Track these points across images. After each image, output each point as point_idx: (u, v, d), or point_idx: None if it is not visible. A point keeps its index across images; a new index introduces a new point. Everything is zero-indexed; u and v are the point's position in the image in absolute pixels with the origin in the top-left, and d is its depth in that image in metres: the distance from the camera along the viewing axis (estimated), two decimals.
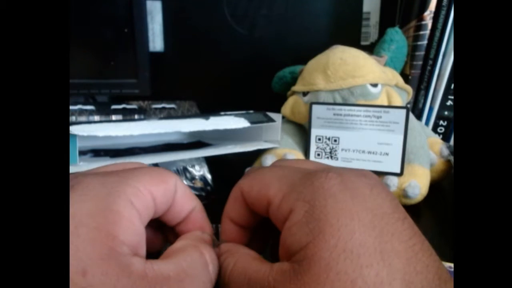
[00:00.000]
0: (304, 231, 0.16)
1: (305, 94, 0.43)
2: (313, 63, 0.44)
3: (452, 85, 0.52)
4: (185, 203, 0.22)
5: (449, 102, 0.53)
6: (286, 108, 0.45)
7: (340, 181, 0.17)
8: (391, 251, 0.15)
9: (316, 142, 0.41)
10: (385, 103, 0.41)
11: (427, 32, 0.52)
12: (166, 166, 0.38)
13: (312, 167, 0.21)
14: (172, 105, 0.61)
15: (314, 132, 0.41)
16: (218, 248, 0.21)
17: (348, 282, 0.15)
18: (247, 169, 0.40)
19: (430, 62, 0.52)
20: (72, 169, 0.30)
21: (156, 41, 0.61)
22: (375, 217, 0.16)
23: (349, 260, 0.15)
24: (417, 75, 0.53)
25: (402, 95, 0.44)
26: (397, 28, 0.49)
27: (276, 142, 0.42)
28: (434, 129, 0.54)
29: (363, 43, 0.62)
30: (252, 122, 0.39)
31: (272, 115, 0.42)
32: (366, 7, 0.61)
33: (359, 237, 0.15)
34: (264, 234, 0.23)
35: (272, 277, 0.17)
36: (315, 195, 0.17)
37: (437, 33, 0.51)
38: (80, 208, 0.16)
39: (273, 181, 0.19)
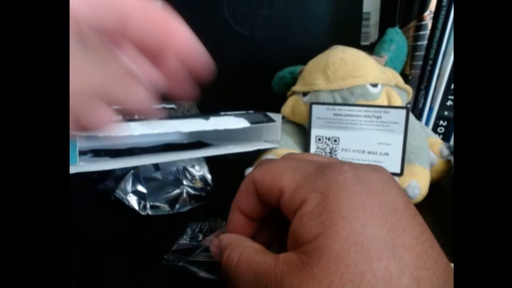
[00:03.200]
0: (316, 221, 0.16)
1: (305, 94, 0.43)
2: (313, 63, 0.44)
3: (452, 85, 0.52)
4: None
5: (449, 102, 0.53)
6: (286, 108, 0.45)
7: (354, 175, 0.18)
8: (401, 246, 0.15)
9: (316, 142, 0.41)
10: (385, 103, 0.41)
11: (427, 32, 0.52)
12: (166, 166, 0.38)
13: (325, 160, 0.21)
14: (172, 105, 0.60)
15: (314, 132, 0.41)
16: (218, 239, 0.21)
17: (357, 275, 0.15)
18: (247, 169, 0.40)
19: (430, 62, 0.52)
20: (72, 169, 0.30)
21: None
22: (387, 212, 0.16)
23: (359, 253, 0.15)
24: (417, 75, 0.53)
25: (402, 95, 0.44)
26: (397, 28, 0.49)
27: (276, 142, 0.42)
28: (434, 129, 0.54)
29: (363, 43, 0.62)
30: (252, 122, 0.39)
31: (272, 115, 0.42)
32: (366, 7, 0.61)
33: (370, 230, 0.15)
34: (273, 228, 0.23)
35: (278, 269, 0.17)
36: (329, 186, 0.17)
37: (437, 33, 0.51)
38: None
39: (286, 172, 0.19)
